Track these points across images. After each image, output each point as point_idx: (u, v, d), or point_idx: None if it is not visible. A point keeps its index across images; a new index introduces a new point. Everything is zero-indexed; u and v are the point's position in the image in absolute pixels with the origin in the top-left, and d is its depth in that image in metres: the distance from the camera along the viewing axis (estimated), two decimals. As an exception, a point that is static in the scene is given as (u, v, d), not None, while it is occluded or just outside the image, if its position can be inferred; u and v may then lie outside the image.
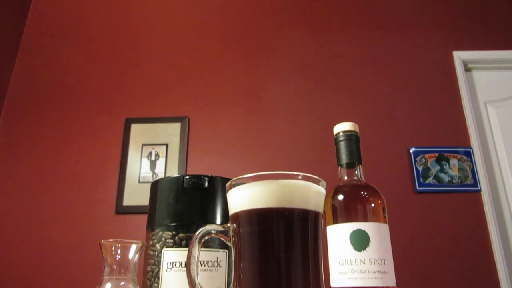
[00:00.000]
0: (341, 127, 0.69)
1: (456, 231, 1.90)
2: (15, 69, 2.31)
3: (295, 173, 0.37)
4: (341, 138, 0.68)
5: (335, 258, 0.60)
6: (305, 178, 0.37)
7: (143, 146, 2.11)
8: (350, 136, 0.68)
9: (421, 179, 1.99)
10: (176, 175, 1.08)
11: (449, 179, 2.00)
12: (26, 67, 2.31)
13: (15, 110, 2.22)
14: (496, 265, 1.85)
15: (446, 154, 2.04)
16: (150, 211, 0.63)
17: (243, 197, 0.37)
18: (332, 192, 0.64)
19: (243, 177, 0.37)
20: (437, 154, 2.04)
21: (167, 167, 2.05)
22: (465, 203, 1.96)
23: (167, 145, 2.10)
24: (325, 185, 0.39)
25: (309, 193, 0.37)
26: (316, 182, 0.38)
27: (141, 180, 2.05)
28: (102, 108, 2.20)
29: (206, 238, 0.40)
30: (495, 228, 1.90)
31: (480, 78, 2.27)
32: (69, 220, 1.98)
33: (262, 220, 0.36)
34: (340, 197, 0.63)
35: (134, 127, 2.15)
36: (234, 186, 0.38)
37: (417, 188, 1.98)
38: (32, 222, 1.98)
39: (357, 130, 0.69)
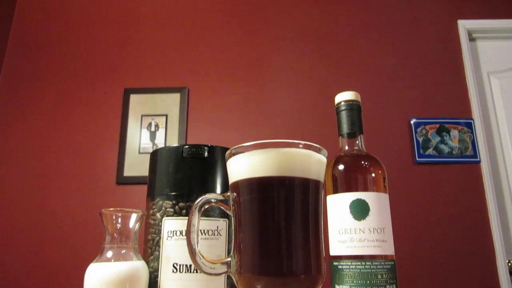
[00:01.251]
0: (343, 97, 0.68)
1: (454, 202, 1.92)
2: (10, 38, 2.26)
3: (296, 141, 0.36)
4: (343, 108, 0.67)
5: (335, 227, 0.61)
6: (306, 147, 0.36)
7: (143, 117, 2.10)
8: (352, 106, 0.67)
9: (421, 150, 1.99)
10: (175, 144, 1.08)
11: (449, 150, 2.00)
12: (22, 36, 2.27)
13: (12, 80, 2.19)
14: (492, 235, 1.87)
15: (447, 125, 2.03)
16: (150, 181, 0.62)
17: (243, 165, 0.36)
18: (332, 162, 0.64)
19: (243, 146, 0.37)
20: (438, 125, 2.03)
21: (167, 138, 2.05)
22: (464, 174, 1.97)
23: (166, 115, 2.09)
24: (326, 154, 0.38)
25: (310, 161, 0.37)
26: (317, 150, 0.37)
27: (141, 151, 2.05)
28: (101, 78, 2.17)
29: (206, 207, 0.39)
30: (493, 199, 1.91)
31: (484, 48, 2.23)
32: (70, 191, 1.99)
33: (262, 189, 0.35)
34: (341, 167, 0.63)
35: (133, 98, 2.13)
36: (234, 154, 0.38)
37: (417, 159, 1.98)
38: (33, 192, 2.00)
39: (359, 99, 0.68)
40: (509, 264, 1.86)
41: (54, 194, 1.99)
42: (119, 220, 0.55)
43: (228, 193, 0.39)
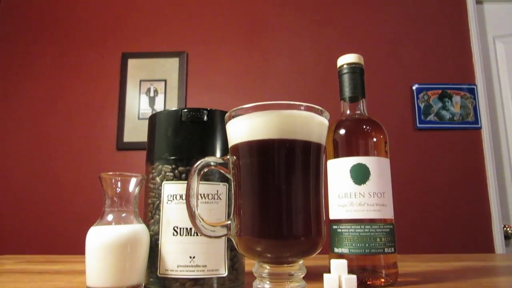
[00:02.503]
0: (345, 59, 0.66)
1: (453, 168, 1.93)
2: (4, 2, 2.19)
3: (297, 103, 0.35)
4: (345, 71, 0.66)
5: (335, 192, 0.61)
6: (307, 109, 0.35)
7: (141, 82, 2.07)
8: (355, 69, 0.65)
9: (422, 116, 1.98)
10: (174, 107, 1.06)
11: (450, 116, 1.98)
12: (16, 0, 2.20)
13: (8, 45, 2.14)
14: (489, 200, 1.90)
15: (449, 91, 2.00)
16: (149, 145, 0.62)
17: (243, 128, 0.36)
18: (333, 126, 0.63)
19: (243, 107, 0.36)
20: (440, 91, 2.00)
21: (166, 104, 2.03)
22: (464, 140, 1.97)
23: (165, 81, 2.06)
24: (328, 116, 0.37)
25: (312, 124, 0.36)
26: (319, 112, 0.36)
27: (140, 117, 2.03)
28: (97, 42, 2.13)
29: (205, 170, 0.39)
30: (492, 166, 1.92)
31: (491, 11, 2.16)
32: (71, 157, 2.00)
33: (263, 152, 0.35)
34: (342, 131, 0.62)
35: (131, 62, 2.09)
36: (233, 117, 0.37)
37: (417, 125, 1.97)
38: (35, 158, 2.01)
39: (362, 62, 0.66)
40: (504, 228, 1.89)
41: (55, 160, 2.00)
42: (119, 184, 0.55)
43: (228, 157, 0.38)
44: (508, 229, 1.89)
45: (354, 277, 0.54)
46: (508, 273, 0.75)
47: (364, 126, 0.63)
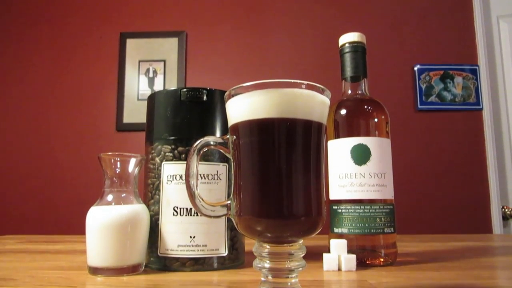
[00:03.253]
0: (347, 38, 0.65)
1: (454, 149, 1.93)
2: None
3: (298, 81, 0.34)
4: (347, 50, 0.65)
5: (335, 172, 0.61)
6: (309, 87, 0.35)
7: (140, 63, 2.05)
8: (357, 48, 0.64)
9: (424, 98, 1.97)
10: (173, 87, 1.05)
11: (451, 97, 1.97)
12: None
13: (4, 26, 2.11)
14: (489, 181, 1.90)
15: (451, 72, 1.98)
16: (148, 125, 0.61)
17: (243, 107, 0.35)
18: (334, 107, 0.62)
19: (242, 86, 0.35)
20: (442, 72, 1.98)
21: (166, 85, 2.02)
22: (465, 121, 1.96)
23: (164, 61, 2.04)
24: (330, 95, 0.37)
25: (313, 103, 0.35)
26: (321, 91, 0.36)
27: (140, 98, 2.02)
28: (95, 22, 2.10)
29: (204, 150, 0.38)
30: (492, 147, 1.92)
31: (495, -11, 2.12)
32: (71, 139, 2.00)
33: (263, 131, 0.34)
34: (343, 111, 0.62)
35: (130, 42, 2.06)
36: (233, 95, 0.36)
37: (418, 106, 1.96)
38: (35, 140, 2.00)
39: (364, 41, 0.65)
40: (503, 209, 1.90)
41: (56, 142, 2.00)
42: (118, 164, 0.55)
43: (228, 136, 0.38)
44: (506, 210, 1.90)
45: (353, 256, 0.54)
46: (506, 253, 0.76)
47: (366, 106, 0.62)
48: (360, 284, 0.46)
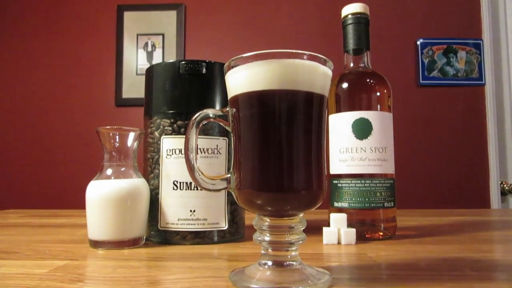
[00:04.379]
0: (350, 9, 0.63)
1: (455, 124, 1.92)
2: None
3: (300, 51, 0.33)
4: (349, 22, 0.63)
5: (336, 146, 0.60)
6: (311, 58, 0.34)
7: (138, 36, 2.02)
8: (360, 19, 0.62)
9: (426, 72, 1.94)
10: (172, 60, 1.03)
11: (454, 72, 1.95)
12: None
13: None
14: (488, 157, 1.90)
15: (454, 46, 1.95)
16: (147, 99, 0.60)
17: (243, 78, 0.34)
18: (336, 80, 0.61)
19: (242, 56, 0.34)
20: (445, 46, 1.95)
21: (165, 59, 1.99)
22: (467, 96, 1.94)
23: (163, 35, 2.00)
24: (332, 66, 0.36)
25: (315, 74, 0.34)
26: (323, 62, 0.35)
27: (138, 72, 2.00)
28: (91, -6, 2.04)
29: (204, 123, 0.38)
30: (493, 123, 1.91)
31: (503, -40, 2.06)
32: (70, 114, 1.98)
33: (263, 103, 0.33)
34: (345, 85, 0.61)
35: (127, 15, 2.02)
36: (232, 67, 0.35)
37: (420, 81, 1.94)
38: (32, 114, 1.99)
39: (368, 12, 0.63)
40: (501, 185, 1.91)
41: (55, 117, 1.99)
42: (117, 138, 0.54)
43: (227, 109, 0.37)
44: (505, 185, 1.91)
45: (353, 230, 0.54)
46: (503, 227, 0.76)
47: (368, 80, 0.61)
48: (359, 257, 0.46)
